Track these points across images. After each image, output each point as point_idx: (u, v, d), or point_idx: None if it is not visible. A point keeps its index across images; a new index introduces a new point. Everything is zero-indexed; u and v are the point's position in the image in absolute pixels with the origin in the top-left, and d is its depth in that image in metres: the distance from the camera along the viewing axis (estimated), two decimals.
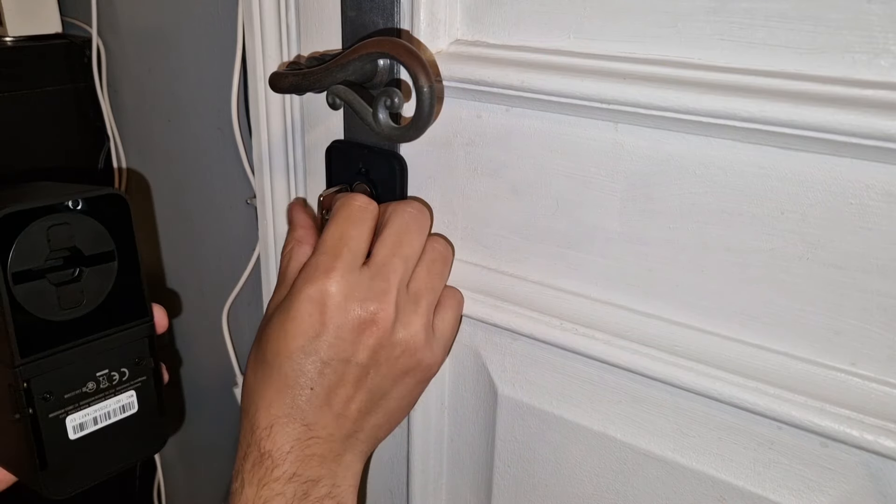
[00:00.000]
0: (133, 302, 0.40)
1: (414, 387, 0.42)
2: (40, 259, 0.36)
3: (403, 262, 0.39)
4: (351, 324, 0.38)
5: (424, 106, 0.35)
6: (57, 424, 0.37)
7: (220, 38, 0.74)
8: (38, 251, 0.35)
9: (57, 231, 0.36)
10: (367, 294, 0.38)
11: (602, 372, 0.41)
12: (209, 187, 0.85)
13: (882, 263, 0.31)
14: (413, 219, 0.40)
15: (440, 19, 0.40)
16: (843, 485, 0.34)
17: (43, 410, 0.36)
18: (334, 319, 0.37)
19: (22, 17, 0.84)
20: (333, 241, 0.39)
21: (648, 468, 0.41)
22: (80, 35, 0.89)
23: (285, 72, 0.42)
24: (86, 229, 0.37)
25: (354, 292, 0.38)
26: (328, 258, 0.38)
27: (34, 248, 0.35)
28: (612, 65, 0.34)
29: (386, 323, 0.38)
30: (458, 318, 0.44)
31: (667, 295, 0.37)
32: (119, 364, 0.39)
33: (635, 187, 0.36)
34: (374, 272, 0.38)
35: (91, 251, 0.37)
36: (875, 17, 0.28)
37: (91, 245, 0.37)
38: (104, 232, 0.38)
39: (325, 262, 0.38)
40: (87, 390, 0.38)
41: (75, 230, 0.37)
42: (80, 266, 0.37)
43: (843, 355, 0.33)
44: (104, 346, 0.38)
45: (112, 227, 0.38)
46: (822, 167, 0.31)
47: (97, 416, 0.39)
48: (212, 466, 1.04)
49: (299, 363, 0.38)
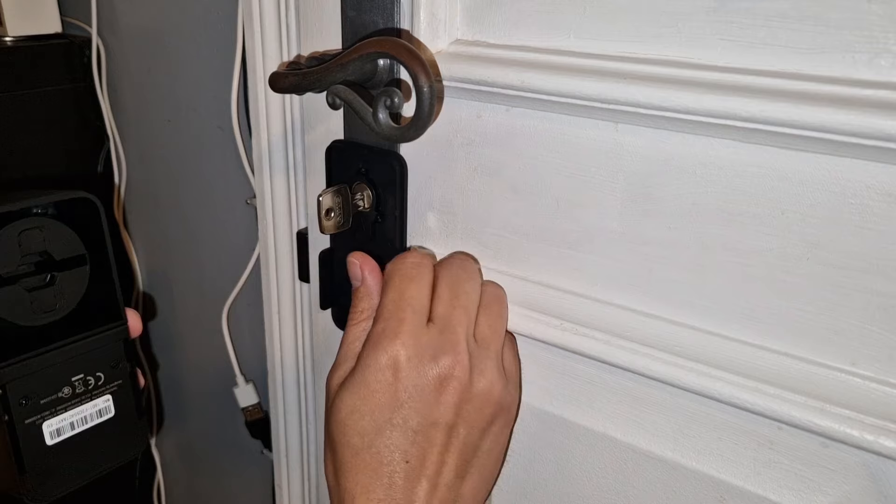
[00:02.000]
0: (107, 306, 0.39)
1: (500, 434, 0.40)
2: (12, 265, 0.35)
3: (465, 312, 0.38)
4: (431, 383, 0.36)
5: (424, 106, 0.35)
6: (34, 430, 0.37)
7: (220, 38, 0.74)
8: (9, 256, 0.35)
9: (27, 236, 0.36)
10: (439, 350, 0.37)
11: (602, 372, 0.41)
12: (209, 187, 0.85)
13: (882, 263, 0.31)
14: (462, 268, 0.40)
15: (440, 19, 0.40)
16: (843, 485, 0.34)
17: (20, 416, 0.36)
18: (413, 382, 0.36)
19: (22, 17, 0.84)
20: (394, 304, 0.37)
21: (648, 468, 0.41)
22: (80, 35, 0.89)
23: (285, 72, 0.42)
24: (57, 233, 0.37)
25: (426, 351, 0.36)
26: (393, 323, 0.37)
27: (5, 253, 0.35)
28: (612, 65, 0.34)
29: (463, 375, 0.37)
30: (517, 353, 0.43)
31: (667, 295, 0.37)
32: (94, 368, 0.39)
33: (635, 187, 0.36)
34: (441, 327, 0.37)
35: (63, 255, 0.37)
36: (875, 17, 0.28)
37: (63, 249, 0.37)
38: (75, 236, 0.37)
39: (391, 328, 0.37)
40: (62, 395, 0.38)
41: (46, 235, 0.36)
42: (52, 271, 0.37)
43: (843, 355, 0.33)
44: (79, 350, 0.38)
45: (84, 231, 0.38)
46: (822, 167, 0.31)
47: (74, 420, 0.38)
48: (212, 466, 1.04)
49: (390, 437, 0.36)
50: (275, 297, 0.58)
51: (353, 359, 0.39)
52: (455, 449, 0.37)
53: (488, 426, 0.39)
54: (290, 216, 0.55)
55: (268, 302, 0.59)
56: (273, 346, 0.60)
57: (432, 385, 0.36)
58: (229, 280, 0.84)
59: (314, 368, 0.59)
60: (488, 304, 0.40)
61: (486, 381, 0.38)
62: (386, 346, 0.36)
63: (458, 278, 0.39)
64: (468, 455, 0.38)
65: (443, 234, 0.45)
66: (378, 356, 0.36)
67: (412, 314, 0.37)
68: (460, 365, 0.37)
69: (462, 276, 0.40)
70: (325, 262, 0.50)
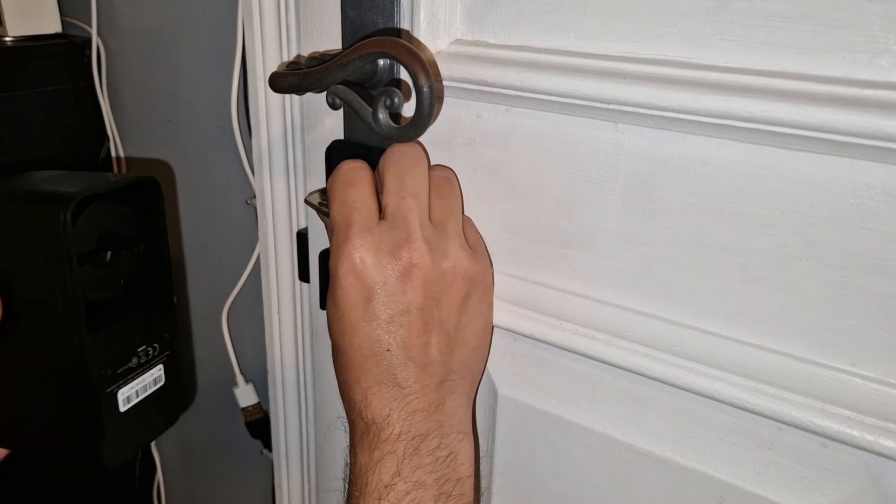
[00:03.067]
0: (162, 280, 0.42)
1: (479, 305, 0.41)
2: (90, 244, 0.38)
3: (415, 199, 0.39)
4: (393, 276, 0.37)
5: (424, 106, 0.35)
6: (111, 398, 0.40)
7: (220, 38, 0.74)
8: (88, 237, 0.38)
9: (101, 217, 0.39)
10: (394, 243, 0.38)
11: (602, 372, 0.41)
12: (209, 187, 0.85)
13: (882, 263, 0.31)
14: (404, 155, 0.40)
15: (440, 19, 0.40)
16: (843, 485, 0.34)
17: (101, 385, 0.39)
18: (376, 279, 0.37)
19: (22, 17, 0.84)
20: (339, 212, 0.39)
21: (648, 468, 0.40)
22: (80, 35, 0.89)
23: (285, 72, 0.42)
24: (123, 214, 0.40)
25: (381, 246, 0.38)
26: (343, 230, 0.38)
27: (85, 234, 0.38)
28: (612, 65, 0.34)
29: (424, 260, 0.38)
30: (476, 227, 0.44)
31: (667, 295, 0.37)
32: (153, 339, 0.42)
33: (635, 187, 0.36)
34: (392, 220, 0.38)
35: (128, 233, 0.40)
36: (875, 17, 0.28)
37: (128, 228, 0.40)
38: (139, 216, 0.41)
39: (342, 236, 0.38)
40: (131, 365, 0.41)
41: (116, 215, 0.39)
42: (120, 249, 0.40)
43: (843, 355, 0.33)
44: (141, 322, 0.41)
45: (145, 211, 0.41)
46: (822, 167, 0.31)
47: (138, 388, 0.41)
48: (212, 466, 1.04)
49: (365, 332, 0.38)
50: (275, 297, 0.58)
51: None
52: (433, 329, 0.39)
53: (464, 301, 0.40)
54: (290, 216, 0.55)
55: (268, 302, 0.59)
56: (273, 346, 0.60)
57: (395, 277, 0.37)
58: (229, 280, 0.84)
59: (314, 368, 0.59)
60: (438, 185, 0.41)
61: (450, 260, 0.39)
62: (342, 254, 0.37)
63: (403, 166, 0.40)
64: (450, 331, 0.39)
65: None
66: (338, 267, 0.38)
67: (358, 215, 0.38)
68: (418, 251, 0.37)
69: (406, 163, 0.40)
70: (325, 262, 0.50)
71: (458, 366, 0.40)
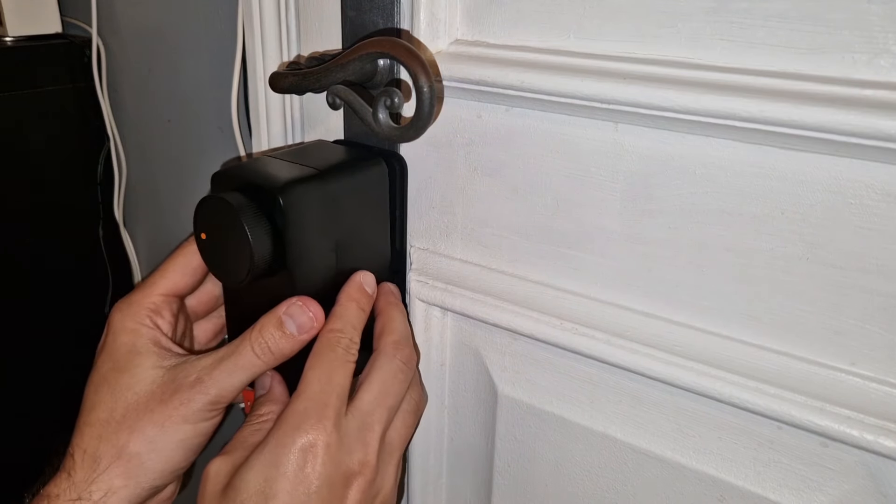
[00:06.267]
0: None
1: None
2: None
3: (387, 413, 0.39)
4: (341, 476, 0.37)
5: (424, 106, 0.35)
6: None
7: (220, 38, 0.74)
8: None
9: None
10: (355, 446, 0.37)
11: (602, 372, 0.41)
12: (209, 187, 0.85)
13: (882, 263, 0.31)
14: (400, 370, 0.40)
15: (440, 19, 0.40)
16: (843, 485, 0.34)
17: None
18: (324, 471, 0.36)
19: (22, 17, 0.84)
20: (321, 386, 0.37)
21: (648, 468, 0.41)
22: (80, 35, 0.89)
23: (285, 72, 0.42)
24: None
25: (343, 443, 0.37)
26: (317, 407, 0.37)
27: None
28: (612, 65, 0.34)
29: (370, 475, 0.38)
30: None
31: (667, 295, 0.37)
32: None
33: (635, 187, 0.36)
34: (361, 423, 0.38)
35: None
36: (875, 17, 0.28)
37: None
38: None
39: (315, 411, 0.36)
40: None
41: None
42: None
43: (843, 355, 0.33)
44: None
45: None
46: (822, 167, 0.31)
47: None
48: None
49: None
50: None
51: (248, 449, 0.38)
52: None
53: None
54: None
55: None
56: None
57: (341, 479, 0.37)
58: None
59: None
60: (408, 411, 0.41)
61: (385, 486, 0.39)
62: (307, 429, 0.36)
63: (394, 378, 0.40)
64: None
65: (443, 234, 0.45)
66: (296, 437, 0.36)
67: (337, 400, 0.37)
68: (369, 466, 0.38)
69: (398, 378, 0.40)
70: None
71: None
